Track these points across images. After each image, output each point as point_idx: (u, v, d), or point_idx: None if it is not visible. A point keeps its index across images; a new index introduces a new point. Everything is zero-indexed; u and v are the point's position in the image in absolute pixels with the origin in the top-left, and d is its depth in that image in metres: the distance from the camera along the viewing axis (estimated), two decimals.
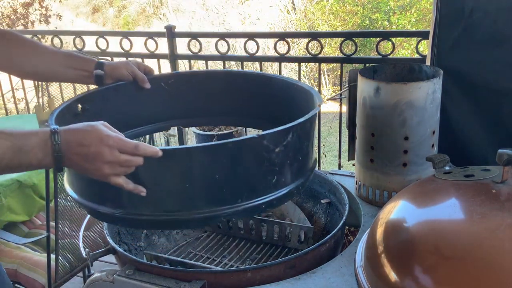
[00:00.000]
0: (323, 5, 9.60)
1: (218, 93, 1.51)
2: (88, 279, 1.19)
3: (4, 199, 2.09)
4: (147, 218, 1.05)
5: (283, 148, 1.07)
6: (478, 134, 1.63)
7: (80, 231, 1.48)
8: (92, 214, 1.14)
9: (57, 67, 1.35)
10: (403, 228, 1.00)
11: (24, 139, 0.92)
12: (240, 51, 7.09)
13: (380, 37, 2.82)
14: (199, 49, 3.18)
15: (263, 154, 1.05)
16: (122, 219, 1.07)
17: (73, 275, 2.06)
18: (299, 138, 1.12)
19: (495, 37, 1.53)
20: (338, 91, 5.12)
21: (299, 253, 1.20)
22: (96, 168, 0.95)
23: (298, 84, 1.37)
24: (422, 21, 8.41)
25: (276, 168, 1.08)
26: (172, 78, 1.51)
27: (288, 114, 1.34)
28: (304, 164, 1.18)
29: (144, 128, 1.51)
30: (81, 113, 1.30)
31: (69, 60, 1.35)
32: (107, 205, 1.07)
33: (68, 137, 0.94)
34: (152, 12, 13.92)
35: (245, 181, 1.06)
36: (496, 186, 0.97)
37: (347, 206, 1.38)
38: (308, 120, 1.13)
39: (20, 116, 3.63)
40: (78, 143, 0.94)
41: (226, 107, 1.53)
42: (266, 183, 1.08)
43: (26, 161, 0.92)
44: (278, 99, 1.42)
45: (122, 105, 1.42)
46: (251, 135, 1.04)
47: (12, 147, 0.91)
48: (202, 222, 1.10)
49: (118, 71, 1.38)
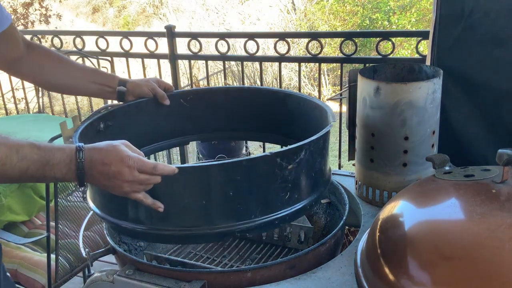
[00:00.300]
0: (323, 5, 9.60)
1: (235, 109, 1.57)
2: (88, 279, 1.19)
3: (4, 199, 2.09)
4: (166, 233, 1.09)
5: (296, 165, 1.10)
6: (478, 134, 1.63)
7: (80, 231, 1.49)
8: (114, 229, 1.20)
9: (82, 82, 1.41)
10: (403, 228, 1.00)
11: (51, 153, 0.96)
12: (240, 51, 7.09)
13: (380, 37, 2.82)
14: (199, 49, 3.18)
15: (276, 171, 1.08)
16: (143, 234, 1.12)
17: (73, 275, 2.06)
18: (312, 155, 1.15)
19: (495, 37, 1.53)
20: (338, 91, 5.12)
21: (299, 253, 1.20)
22: (116, 185, 1.00)
23: (313, 100, 1.41)
24: (422, 21, 8.41)
25: (289, 184, 1.11)
26: (191, 94, 1.56)
27: (304, 130, 1.41)
28: (317, 180, 1.21)
29: (164, 143, 1.58)
30: (104, 130, 1.36)
31: (94, 76, 1.42)
32: (128, 220, 1.12)
33: (92, 155, 0.98)
34: (152, 12, 13.92)
35: (258, 198, 1.10)
36: (496, 186, 0.97)
37: (347, 206, 1.38)
38: (321, 137, 1.16)
39: (19, 116, 3.63)
40: (101, 161, 0.98)
41: (243, 123, 1.59)
42: (279, 199, 1.11)
43: (50, 174, 0.97)
44: (293, 115, 1.48)
45: (143, 121, 1.48)
46: (264, 153, 1.06)
47: (39, 160, 0.95)
48: (218, 237, 1.13)
49: (139, 88, 1.45)
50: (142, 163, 1.00)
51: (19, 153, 0.93)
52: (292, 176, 1.11)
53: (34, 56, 1.38)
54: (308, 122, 1.40)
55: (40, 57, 1.39)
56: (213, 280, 1.12)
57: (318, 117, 1.35)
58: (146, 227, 1.10)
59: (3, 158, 0.91)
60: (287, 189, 1.11)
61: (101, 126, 1.36)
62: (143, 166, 0.99)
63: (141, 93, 1.45)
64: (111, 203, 1.15)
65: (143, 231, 1.11)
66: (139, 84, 1.45)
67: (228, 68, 5.30)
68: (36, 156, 0.95)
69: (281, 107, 1.50)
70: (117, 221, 1.14)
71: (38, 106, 3.76)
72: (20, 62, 1.36)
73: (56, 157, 0.96)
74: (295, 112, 1.47)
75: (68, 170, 0.97)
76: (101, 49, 3.42)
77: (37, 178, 0.97)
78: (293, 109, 1.47)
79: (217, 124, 1.59)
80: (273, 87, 1.60)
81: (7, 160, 0.92)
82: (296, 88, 7.08)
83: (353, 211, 1.47)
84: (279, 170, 1.08)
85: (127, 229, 1.13)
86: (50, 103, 3.90)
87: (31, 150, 0.94)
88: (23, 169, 0.94)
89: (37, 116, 3.28)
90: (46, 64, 1.39)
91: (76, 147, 0.98)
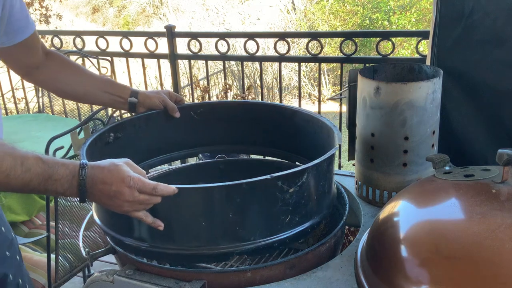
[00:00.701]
0: (323, 5, 9.60)
1: (244, 123, 1.59)
2: (88, 279, 1.19)
3: (4, 199, 2.09)
4: (168, 251, 1.11)
5: (298, 188, 1.10)
6: (478, 134, 1.63)
7: (80, 231, 1.48)
8: (117, 245, 1.20)
9: (95, 91, 1.44)
10: (403, 228, 1.00)
11: (55, 168, 0.97)
12: (240, 51, 7.09)
13: (380, 37, 2.83)
14: (199, 49, 3.18)
15: (277, 195, 1.08)
16: (146, 251, 1.13)
17: (73, 275, 2.06)
18: (315, 178, 1.15)
19: (495, 37, 1.53)
20: (338, 91, 5.12)
21: (299, 253, 1.20)
22: (116, 205, 1.02)
23: (321, 119, 1.41)
24: (422, 21, 8.41)
25: (290, 207, 1.11)
26: (201, 107, 1.58)
27: (310, 147, 1.43)
28: (319, 203, 1.20)
29: (172, 155, 1.59)
30: (113, 142, 1.38)
31: (107, 86, 1.44)
32: (132, 237, 1.14)
33: (94, 173, 1.00)
34: (152, 12, 13.92)
35: (258, 220, 1.10)
36: (496, 186, 0.97)
37: (347, 206, 1.38)
38: (324, 161, 1.15)
39: (19, 116, 3.63)
40: (102, 181, 0.99)
41: (251, 137, 1.61)
42: (280, 222, 1.11)
43: (52, 188, 0.98)
44: (301, 132, 1.48)
45: (152, 133, 1.50)
46: (265, 177, 1.05)
47: (42, 174, 0.96)
48: (217, 257, 1.13)
49: (150, 100, 1.47)
50: (143, 183, 1.01)
51: (23, 165, 0.94)
52: (293, 200, 1.10)
53: (51, 65, 1.40)
54: (314, 141, 1.41)
55: (56, 65, 1.41)
56: (213, 280, 1.12)
57: (325, 137, 1.36)
58: (149, 245, 1.12)
59: (8, 169, 0.92)
60: (287, 212, 1.11)
61: (111, 138, 1.38)
62: (143, 187, 1.01)
63: (151, 104, 1.47)
64: (115, 219, 1.17)
65: (146, 249, 1.12)
66: (150, 96, 1.47)
67: (228, 68, 5.30)
68: (40, 169, 0.95)
69: (289, 123, 1.52)
70: (121, 237, 1.16)
71: (38, 106, 3.76)
72: (38, 69, 1.38)
73: (59, 172, 0.97)
74: (301, 129, 1.48)
75: (69, 186, 0.98)
76: (101, 49, 3.42)
77: (38, 190, 0.98)
78: (301, 126, 1.48)
79: (226, 138, 1.62)
80: (283, 103, 1.63)
81: (11, 171, 0.93)
82: (296, 88, 7.08)
83: (353, 211, 1.47)
84: (279, 193, 1.08)
85: (131, 246, 1.15)
86: (50, 103, 3.90)
87: (35, 163, 0.95)
88: (26, 181, 0.95)
89: (37, 116, 3.28)
90: (61, 72, 1.41)
91: (80, 164, 0.99)
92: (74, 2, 14.63)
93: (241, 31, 8.47)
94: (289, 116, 1.52)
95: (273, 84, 7.76)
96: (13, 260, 1.14)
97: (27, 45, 1.30)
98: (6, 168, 0.92)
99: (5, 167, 0.92)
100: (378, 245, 1.03)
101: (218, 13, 10.95)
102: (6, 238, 1.14)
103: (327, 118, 1.39)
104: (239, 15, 10.65)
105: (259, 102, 1.73)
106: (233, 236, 1.09)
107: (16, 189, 0.96)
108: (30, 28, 1.28)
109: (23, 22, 1.25)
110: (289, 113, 1.52)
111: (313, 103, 8.37)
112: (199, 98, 3.69)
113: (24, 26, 1.25)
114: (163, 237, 1.09)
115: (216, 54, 3.17)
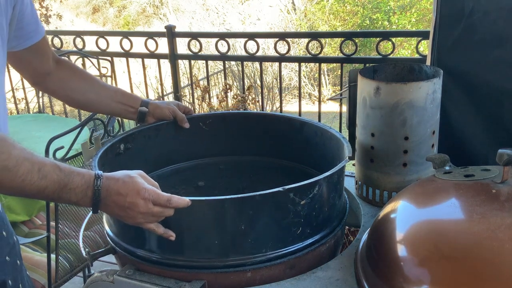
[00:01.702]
0: (323, 5, 9.60)
1: (253, 134, 1.60)
2: (88, 279, 1.19)
3: (4, 199, 2.09)
4: (179, 263, 1.11)
5: (309, 200, 1.11)
6: (478, 134, 1.63)
7: (80, 231, 1.48)
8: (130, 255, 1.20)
9: (106, 100, 1.44)
10: (403, 228, 1.00)
11: (71, 177, 0.97)
12: (240, 51, 7.09)
13: (380, 37, 2.83)
14: (199, 49, 3.18)
15: (288, 207, 1.09)
16: (157, 262, 1.13)
17: (73, 275, 2.06)
18: (326, 190, 1.15)
19: (495, 37, 1.53)
20: (338, 91, 5.12)
21: (299, 253, 1.20)
22: (129, 216, 1.02)
23: (330, 131, 1.41)
24: (422, 21, 8.41)
25: (301, 219, 1.12)
26: (210, 118, 1.59)
27: (320, 159, 1.43)
28: (330, 215, 1.21)
29: (181, 165, 1.60)
30: (123, 152, 1.39)
31: (118, 96, 1.45)
32: (143, 248, 1.15)
33: (109, 184, 1.00)
34: (152, 12, 13.92)
35: (270, 232, 1.11)
36: (496, 186, 0.97)
37: (347, 206, 1.38)
38: (335, 173, 1.16)
39: (19, 116, 3.63)
40: (116, 192, 1.00)
41: (260, 148, 1.61)
42: (291, 234, 1.12)
43: (66, 197, 0.97)
44: (310, 143, 1.49)
45: (162, 143, 1.51)
46: (277, 189, 1.06)
47: (58, 182, 0.95)
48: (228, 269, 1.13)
49: (160, 110, 1.47)
50: (157, 196, 1.01)
51: (40, 172, 0.93)
52: (304, 211, 1.11)
53: (61, 73, 1.39)
54: (324, 152, 1.42)
55: (66, 73, 1.40)
56: (213, 280, 1.12)
57: (334, 149, 1.36)
58: (160, 256, 1.13)
59: (24, 173, 0.91)
60: (299, 224, 1.12)
61: (121, 149, 1.38)
62: (158, 199, 1.01)
63: (161, 114, 1.48)
64: (127, 231, 1.18)
65: (157, 260, 1.13)
66: (160, 106, 1.48)
67: (228, 68, 5.30)
68: (56, 177, 0.95)
69: (298, 135, 1.52)
70: (132, 249, 1.16)
71: (38, 106, 3.76)
72: (49, 76, 1.38)
73: (74, 181, 0.97)
74: (312, 141, 1.48)
75: (84, 196, 0.98)
76: (101, 49, 3.42)
77: (52, 198, 0.98)
78: (310, 138, 1.49)
79: (234, 148, 1.62)
80: (292, 115, 1.64)
81: (27, 176, 0.92)
82: (296, 88, 7.08)
83: (353, 211, 1.48)
84: (291, 205, 1.08)
85: (142, 257, 1.15)
86: (50, 103, 3.90)
87: (52, 170, 0.95)
88: (41, 188, 0.94)
89: (37, 116, 3.28)
90: (71, 80, 1.41)
91: (95, 174, 0.99)
92: (74, 2, 14.64)
93: (241, 31, 8.48)
94: (298, 127, 1.52)
95: (273, 84, 7.76)
96: (14, 264, 1.14)
97: (38, 50, 1.29)
98: (23, 173, 0.91)
99: (21, 171, 0.91)
100: (378, 245, 1.03)
101: (218, 13, 10.96)
102: (7, 243, 1.13)
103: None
104: (239, 15, 10.65)
105: (268, 113, 1.73)
106: (245, 248, 1.10)
107: (30, 195, 0.96)
108: (40, 32, 1.27)
109: (33, 26, 1.24)
110: (298, 124, 1.53)
111: (313, 103, 8.37)
112: (199, 98, 3.69)
113: (34, 30, 1.25)
114: (176, 248, 1.10)
115: (216, 54, 3.17)
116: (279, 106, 3.87)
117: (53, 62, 1.38)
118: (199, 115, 1.64)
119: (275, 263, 1.14)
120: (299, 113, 3.06)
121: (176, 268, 1.12)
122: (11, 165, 0.90)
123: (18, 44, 1.23)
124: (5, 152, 0.90)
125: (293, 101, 8.39)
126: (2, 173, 0.90)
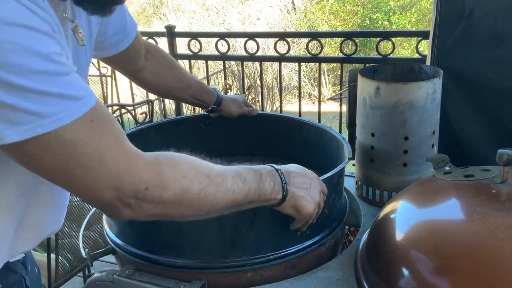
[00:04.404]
0: (323, 5, 9.60)
1: (253, 134, 1.61)
2: (88, 279, 1.19)
3: None
4: (179, 263, 1.11)
5: None
6: (478, 134, 1.64)
7: (80, 231, 1.48)
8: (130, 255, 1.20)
9: (185, 96, 1.49)
10: (403, 228, 1.00)
11: (257, 169, 0.91)
12: (240, 51, 7.09)
13: (380, 37, 2.83)
14: (199, 49, 3.18)
15: None
16: (158, 263, 1.13)
17: (73, 275, 2.06)
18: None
19: (495, 37, 1.53)
20: (338, 91, 5.13)
21: (299, 253, 1.20)
22: (312, 196, 0.99)
23: (330, 131, 1.42)
24: (422, 21, 8.42)
25: None
26: (210, 118, 1.60)
27: (319, 159, 1.43)
28: (330, 216, 1.21)
29: None
30: None
31: (197, 92, 1.48)
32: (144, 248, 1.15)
33: (284, 167, 0.98)
34: (152, 12, 13.92)
35: (270, 234, 1.11)
36: (496, 186, 0.97)
37: (347, 206, 1.38)
38: (335, 174, 1.16)
39: None
40: (296, 173, 0.97)
41: (259, 148, 1.62)
42: (291, 235, 1.12)
43: (263, 191, 0.90)
44: (310, 144, 1.49)
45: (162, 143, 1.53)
46: None
47: (255, 180, 0.88)
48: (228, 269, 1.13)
49: (229, 109, 1.54)
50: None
51: (240, 176, 0.86)
52: None
53: (152, 64, 1.39)
54: (323, 153, 1.42)
55: (156, 67, 1.40)
56: (213, 280, 1.12)
57: (334, 149, 1.36)
58: (160, 257, 1.13)
59: (232, 184, 0.84)
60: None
61: None
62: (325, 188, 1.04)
63: (230, 113, 1.54)
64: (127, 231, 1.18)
65: (157, 260, 1.13)
66: (230, 105, 1.54)
67: (228, 68, 5.30)
68: (251, 175, 0.88)
69: (298, 135, 1.53)
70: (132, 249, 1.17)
71: None
72: (140, 73, 1.37)
73: (261, 170, 0.91)
74: (312, 142, 1.49)
75: (275, 183, 0.92)
76: None
77: (249, 200, 0.89)
78: (310, 139, 1.50)
79: (234, 148, 1.63)
80: (292, 115, 1.65)
81: (234, 185, 0.85)
82: (296, 88, 7.08)
83: (353, 211, 1.48)
84: None
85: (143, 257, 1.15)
86: None
87: (246, 171, 0.88)
88: (246, 193, 0.87)
89: None
90: (161, 76, 1.42)
91: (269, 165, 0.96)
92: None
93: (241, 31, 8.48)
94: (298, 127, 1.53)
95: (273, 84, 7.76)
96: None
97: (128, 52, 1.25)
98: (231, 184, 0.84)
99: (229, 183, 0.84)
100: (378, 245, 1.03)
101: (218, 13, 10.96)
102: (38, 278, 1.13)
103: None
104: (239, 15, 10.65)
105: (269, 113, 1.74)
106: (245, 249, 1.10)
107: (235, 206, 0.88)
108: (128, 39, 1.22)
109: (119, 36, 1.19)
110: (298, 125, 1.54)
111: (313, 103, 8.37)
112: None
113: (120, 40, 1.20)
114: (174, 248, 1.11)
115: (216, 54, 3.17)
116: (279, 106, 3.87)
117: (144, 57, 1.36)
118: (199, 115, 1.65)
119: (275, 263, 1.14)
120: (299, 113, 3.06)
121: (176, 268, 1.11)
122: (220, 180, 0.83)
123: (108, 52, 1.22)
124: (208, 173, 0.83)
125: (293, 101, 8.40)
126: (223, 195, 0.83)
